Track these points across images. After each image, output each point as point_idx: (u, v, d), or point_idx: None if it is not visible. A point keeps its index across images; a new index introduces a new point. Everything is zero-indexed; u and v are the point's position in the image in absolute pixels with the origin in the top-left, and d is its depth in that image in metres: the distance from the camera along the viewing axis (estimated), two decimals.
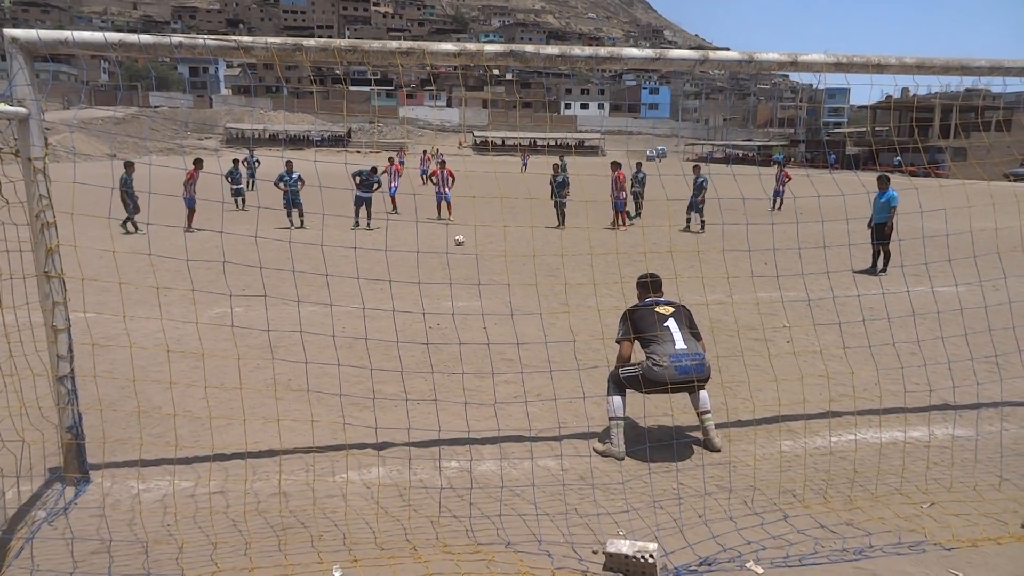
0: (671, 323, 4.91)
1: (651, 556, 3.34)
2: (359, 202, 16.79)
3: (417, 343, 5.70)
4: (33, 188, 3.99)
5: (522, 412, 5.23)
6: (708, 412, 4.97)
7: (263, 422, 5.12)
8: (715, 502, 4.15)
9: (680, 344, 4.81)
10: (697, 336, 5.03)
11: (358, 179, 16.69)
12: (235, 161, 21.91)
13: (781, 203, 21.81)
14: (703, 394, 4.95)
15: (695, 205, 16.84)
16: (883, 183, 11.57)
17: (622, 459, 4.75)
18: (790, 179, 21.64)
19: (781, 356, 6.83)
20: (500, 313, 6.17)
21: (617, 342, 5.02)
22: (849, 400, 5.84)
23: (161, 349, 5.81)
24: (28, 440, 4.04)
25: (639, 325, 4.93)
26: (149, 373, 5.89)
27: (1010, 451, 4.89)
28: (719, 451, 4.90)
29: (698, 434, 5.09)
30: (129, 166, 15.47)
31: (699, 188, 16.54)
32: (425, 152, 37.21)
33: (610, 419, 4.85)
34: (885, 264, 11.37)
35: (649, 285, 5.24)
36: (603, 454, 4.81)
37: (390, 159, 21.57)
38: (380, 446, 4.81)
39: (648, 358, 4.76)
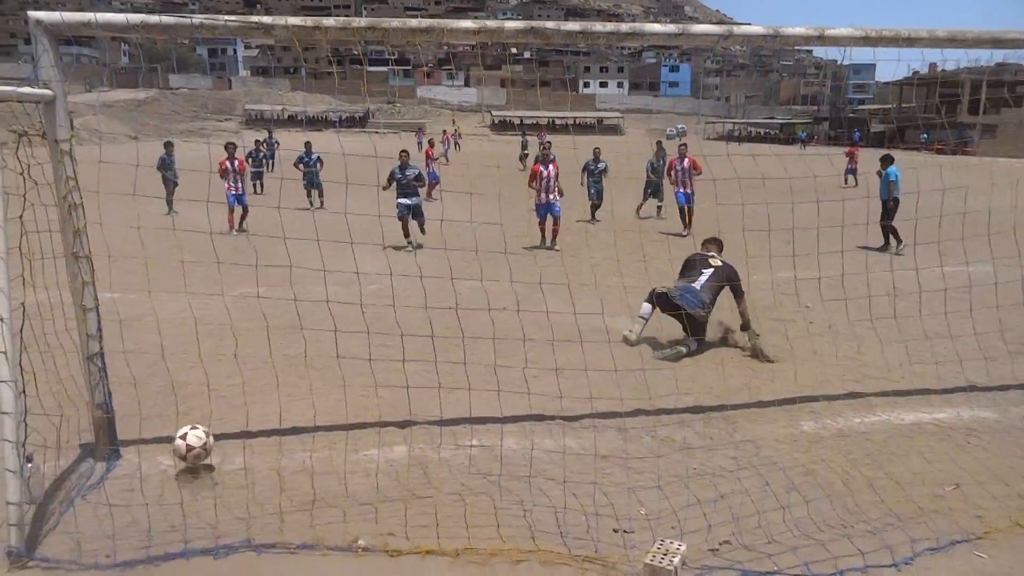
0: (705, 272, 6.68)
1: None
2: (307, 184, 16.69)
3: (443, 308, 5.69)
4: (60, 170, 4.04)
5: (549, 389, 5.22)
6: (683, 349, 6.34)
7: (288, 400, 5.18)
8: (739, 484, 4.15)
9: (695, 284, 6.59)
10: (736, 292, 6.72)
11: (301, 165, 16.87)
12: (257, 142, 21.83)
13: (856, 181, 21.07)
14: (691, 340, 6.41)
15: (657, 187, 15.52)
16: (886, 162, 11.86)
17: (633, 344, 6.46)
18: (856, 159, 22.40)
19: (803, 337, 6.78)
20: (527, 281, 6.20)
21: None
22: (872, 381, 5.79)
23: (187, 328, 5.89)
24: (63, 416, 4.13)
25: (687, 264, 6.97)
26: (175, 351, 5.97)
27: None
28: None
29: (722, 413, 5.09)
30: (169, 146, 15.73)
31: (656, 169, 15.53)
32: (444, 132, 37.28)
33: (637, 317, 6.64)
34: (895, 241, 11.51)
35: (713, 243, 7.26)
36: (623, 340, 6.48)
37: (430, 142, 21.41)
38: (402, 424, 4.86)
39: (674, 283, 6.71)
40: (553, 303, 6.20)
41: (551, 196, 11.96)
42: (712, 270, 6.74)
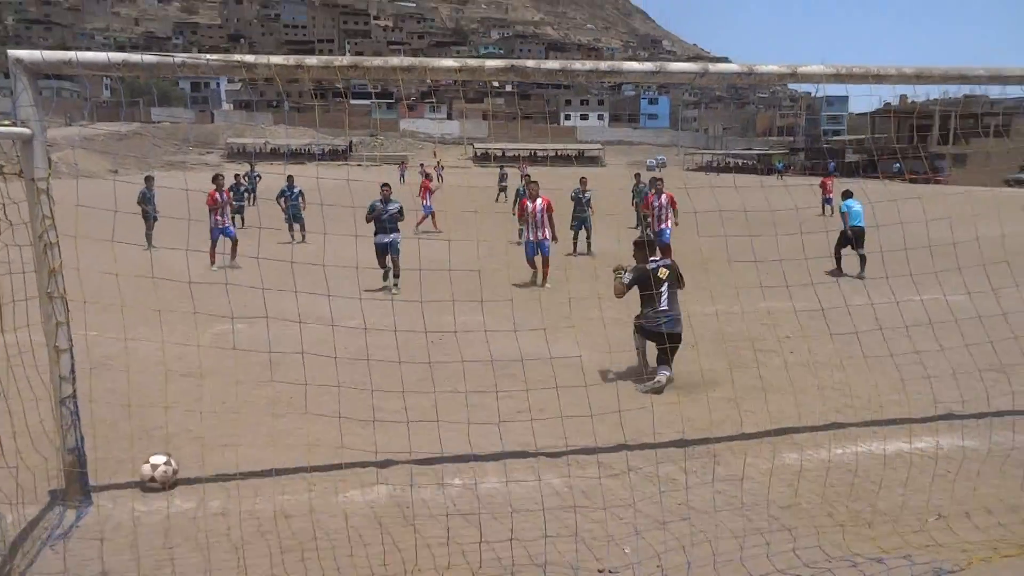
0: (664, 285, 6.54)
1: None
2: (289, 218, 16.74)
3: (418, 362, 5.68)
4: (36, 208, 3.99)
5: (526, 428, 5.19)
6: (664, 379, 6.27)
7: (264, 442, 5.10)
8: (720, 521, 4.12)
9: (664, 305, 6.51)
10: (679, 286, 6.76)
11: (283, 199, 16.90)
12: (236, 176, 21.72)
13: (832, 210, 21.62)
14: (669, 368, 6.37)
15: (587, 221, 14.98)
16: (844, 196, 12.94)
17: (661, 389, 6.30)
18: (829, 189, 23.19)
19: (784, 368, 6.80)
20: (503, 329, 6.18)
21: (623, 284, 6.55)
22: (853, 411, 5.81)
23: (163, 367, 5.80)
24: (30, 464, 4.02)
25: (643, 284, 6.50)
26: (151, 392, 5.87)
27: (1018, 462, 4.85)
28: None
29: (705, 448, 5.07)
30: (149, 180, 15.67)
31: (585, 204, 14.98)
32: (422, 165, 37.55)
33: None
34: (862, 264, 12.04)
35: (647, 247, 6.83)
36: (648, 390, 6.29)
37: (426, 175, 21.36)
38: (382, 464, 4.78)
39: (645, 314, 6.55)
40: (532, 340, 6.21)
41: (540, 233, 11.31)
42: (667, 281, 6.62)
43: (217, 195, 13.40)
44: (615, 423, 5.30)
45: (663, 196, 13.67)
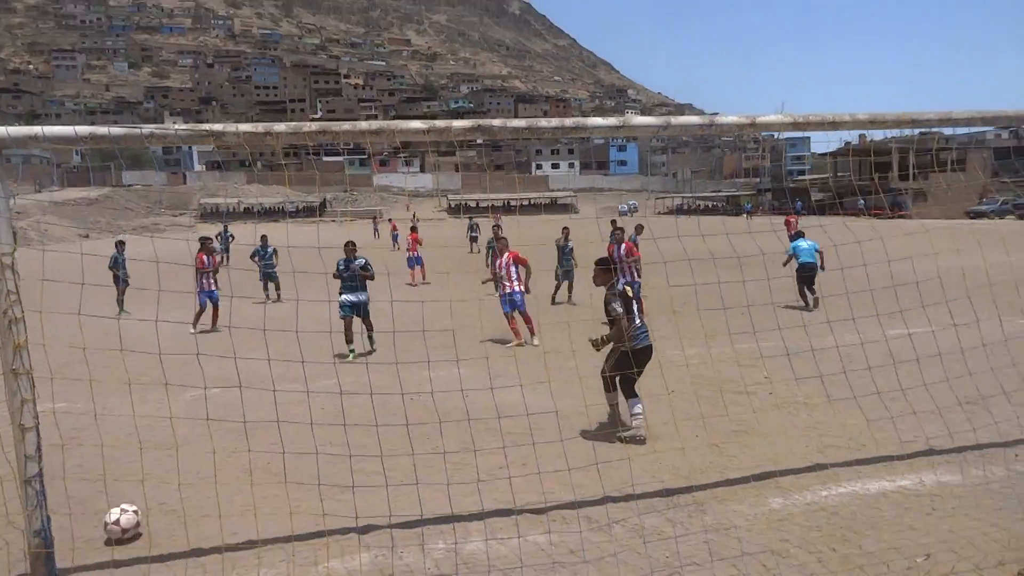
0: (635, 303, 6.30)
1: None
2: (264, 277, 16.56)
3: (396, 425, 5.62)
4: (1, 284, 3.93)
5: (506, 486, 5.12)
6: (643, 423, 6.13)
7: (240, 511, 4.95)
8: (712, 572, 4.06)
9: (639, 320, 6.26)
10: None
11: (257, 258, 16.76)
12: (203, 240, 20.93)
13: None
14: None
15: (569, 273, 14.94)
16: (795, 237, 14.09)
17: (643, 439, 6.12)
18: (793, 227, 23.46)
19: (763, 410, 6.82)
20: (480, 388, 6.13)
21: (616, 318, 6.09)
22: (835, 451, 5.82)
23: (134, 439, 5.65)
24: None
25: (628, 306, 6.16)
26: (122, 465, 5.70)
27: (999, 495, 4.87)
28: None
29: (690, 497, 5.02)
30: (120, 244, 15.55)
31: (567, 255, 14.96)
32: (391, 221, 37.84)
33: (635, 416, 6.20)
34: (810, 300, 13.10)
35: (605, 272, 6.43)
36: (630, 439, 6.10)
37: (413, 228, 21.71)
38: (362, 529, 4.67)
39: (631, 337, 6.12)
40: (509, 394, 6.17)
41: (508, 286, 10.84)
42: (633, 297, 6.39)
43: (204, 258, 13.13)
44: (595, 476, 5.25)
45: (622, 246, 12.80)
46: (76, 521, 4.68)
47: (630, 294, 6.36)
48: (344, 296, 10.16)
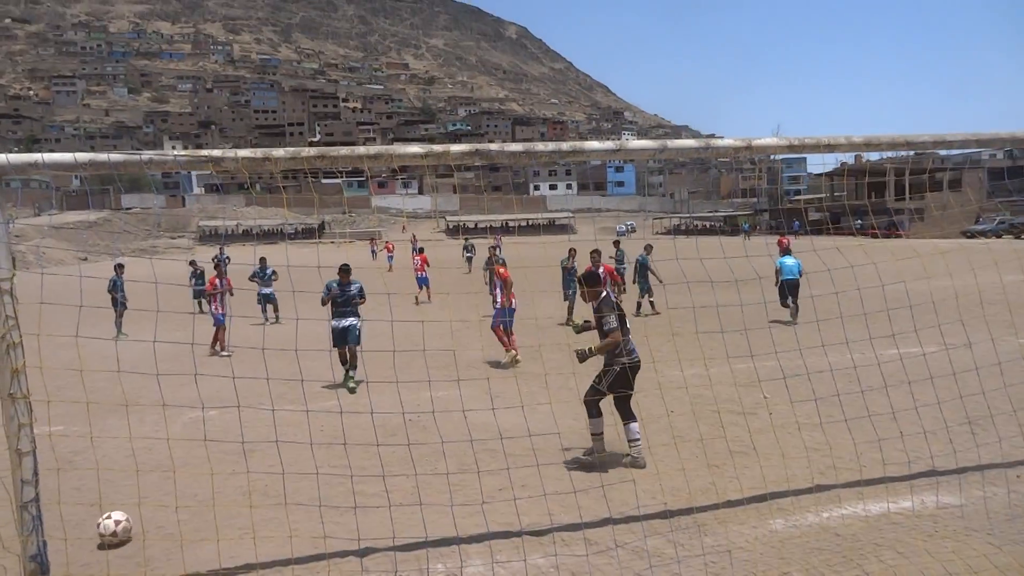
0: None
1: None
2: (262, 299, 16.49)
3: (397, 445, 5.60)
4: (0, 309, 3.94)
5: (508, 507, 5.09)
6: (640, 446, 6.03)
7: (239, 534, 4.92)
8: None
9: (628, 335, 6.00)
10: None
11: (257, 279, 16.69)
12: (192, 263, 19.90)
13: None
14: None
15: (643, 286, 15.93)
16: (785, 251, 14.99)
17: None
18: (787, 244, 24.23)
19: (762, 431, 6.80)
20: (481, 408, 6.11)
21: (611, 331, 5.86)
22: (836, 472, 5.79)
23: (131, 462, 5.62)
24: None
25: (622, 318, 5.97)
26: (120, 489, 5.67)
27: (1001, 516, 4.85)
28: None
29: (691, 519, 5.00)
30: (119, 268, 15.56)
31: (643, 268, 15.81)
32: (387, 242, 37.91)
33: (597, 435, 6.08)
34: (794, 312, 13.87)
35: (594, 284, 6.11)
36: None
37: (420, 250, 22.51)
38: (363, 552, 4.63)
39: (628, 352, 5.93)
40: (510, 415, 6.16)
41: (497, 302, 11.27)
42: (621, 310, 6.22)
43: (217, 281, 13.19)
44: (599, 496, 5.23)
45: (601, 269, 12.38)
46: (72, 546, 4.64)
47: (620, 303, 6.14)
48: (333, 322, 9.77)
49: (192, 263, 19.90)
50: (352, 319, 9.75)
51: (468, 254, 31.56)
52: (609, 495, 5.27)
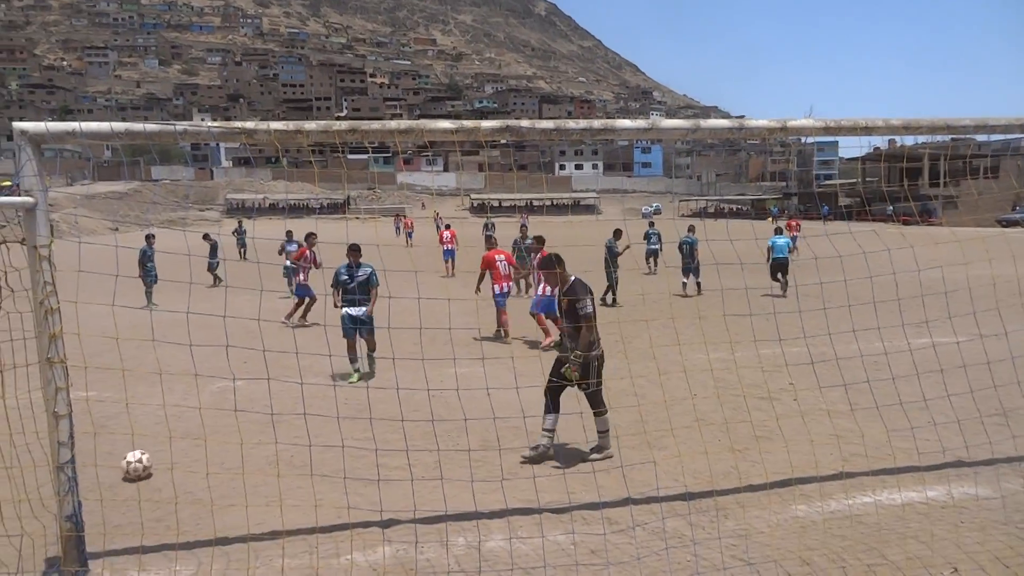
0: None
1: None
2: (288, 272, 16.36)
3: (419, 421, 5.65)
4: (38, 275, 4.02)
5: (529, 484, 5.13)
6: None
7: (265, 502, 5.02)
8: None
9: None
10: None
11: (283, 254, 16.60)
12: (206, 236, 19.89)
13: (794, 248, 22.31)
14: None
15: (691, 268, 16.35)
16: (777, 231, 16.51)
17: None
18: (799, 227, 25.50)
19: (787, 416, 6.75)
20: (505, 387, 6.14)
21: (586, 316, 5.62)
22: (861, 460, 5.74)
23: (162, 428, 5.75)
24: (30, 531, 3.95)
25: (593, 303, 5.74)
26: (151, 454, 5.81)
27: None
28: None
29: (711, 501, 5.00)
30: (150, 238, 15.77)
31: (691, 249, 16.26)
32: (404, 217, 40.09)
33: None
34: (783, 286, 15.23)
35: (554, 265, 5.89)
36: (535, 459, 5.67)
37: (447, 226, 23.47)
38: (385, 523, 4.71)
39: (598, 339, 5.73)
40: (533, 394, 6.18)
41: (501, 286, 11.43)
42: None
43: (308, 252, 13.23)
44: (619, 477, 5.25)
45: (538, 255, 12.08)
46: (106, 507, 4.78)
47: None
48: (345, 309, 8.98)
49: (206, 236, 19.92)
50: (363, 308, 8.99)
51: (488, 232, 31.65)
52: (629, 475, 5.29)
